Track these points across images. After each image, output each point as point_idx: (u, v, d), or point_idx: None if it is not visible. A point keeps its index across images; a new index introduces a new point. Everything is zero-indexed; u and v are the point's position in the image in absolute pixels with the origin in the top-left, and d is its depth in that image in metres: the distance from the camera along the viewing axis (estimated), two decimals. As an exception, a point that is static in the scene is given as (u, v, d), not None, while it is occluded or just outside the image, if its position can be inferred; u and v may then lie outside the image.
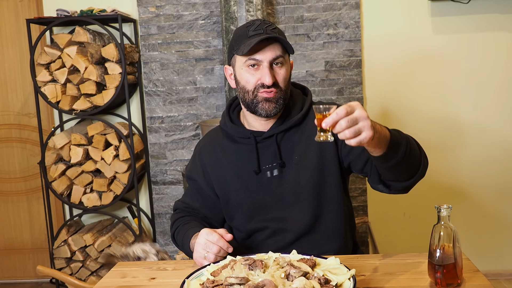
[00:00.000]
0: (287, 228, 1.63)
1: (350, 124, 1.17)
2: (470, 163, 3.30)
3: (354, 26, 3.19)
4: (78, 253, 3.24)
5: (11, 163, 3.65)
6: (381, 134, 1.28)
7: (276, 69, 1.57)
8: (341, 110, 1.17)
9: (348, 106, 1.18)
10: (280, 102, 1.59)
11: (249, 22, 1.60)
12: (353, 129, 1.18)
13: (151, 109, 3.34)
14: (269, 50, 1.54)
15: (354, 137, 1.19)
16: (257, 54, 1.54)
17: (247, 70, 1.57)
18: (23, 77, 3.55)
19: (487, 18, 3.19)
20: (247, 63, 1.56)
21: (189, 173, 1.77)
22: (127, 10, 3.32)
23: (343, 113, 1.17)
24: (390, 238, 3.36)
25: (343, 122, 1.17)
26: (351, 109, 1.18)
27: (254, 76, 1.57)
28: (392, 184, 1.50)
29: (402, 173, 1.44)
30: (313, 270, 1.27)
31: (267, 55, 1.54)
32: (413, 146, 1.43)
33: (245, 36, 1.56)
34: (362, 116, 1.19)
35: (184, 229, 1.65)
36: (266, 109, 1.58)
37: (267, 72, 1.54)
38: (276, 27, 1.59)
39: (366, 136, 1.19)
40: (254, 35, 1.54)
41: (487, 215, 3.33)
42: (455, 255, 1.27)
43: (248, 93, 1.58)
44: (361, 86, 3.22)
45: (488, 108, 3.26)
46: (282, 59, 1.57)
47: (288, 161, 1.62)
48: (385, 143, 1.31)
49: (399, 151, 1.37)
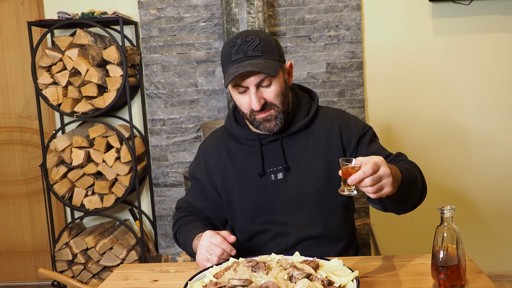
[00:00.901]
0: (289, 232, 1.62)
1: (374, 183, 1.25)
2: (471, 165, 3.30)
3: (355, 28, 3.19)
4: (80, 255, 3.24)
5: (13, 165, 3.65)
6: (395, 179, 1.33)
7: (264, 90, 1.53)
8: (368, 169, 1.23)
9: (374, 164, 1.24)
10: (280, 117, 1.57)
11: (232, 40, 1.54)
12: (376, 187, 1.26)
13: (152, 111, 3.34)
14: (252, 76, 1.50)
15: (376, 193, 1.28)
16: (242, 81, 1.51)
17: (237, 94, 1.56)
18: (24, 80, 3.55)
19: (488, 20, 3.19)
20: (235, 89, 1.55)
21: (192, 172, 1.76)
22: (128, 12, 3.33)
23: (369, 172, 1.23)
24: (392, 240, 3.36)
25: (369, 180, 1.24)
26: (376, 167, 1.24)
27: (245, 99, 1.55)
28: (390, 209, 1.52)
29: (403, 206, 1.51)
30: (316, 272, 1.27)
31: (251, 81, 1.51)
32: (418, 184, 1.50)
33: (228, 60, 1.53)
34: (385, 174, 1.26)
35: (187, 229, 1.64)
36: (268, 128, 1.57)
37: (254, 98, 1.51)
38: (259, 41, 1.51)
39: (386, 191, 1.29)
40: (235, 59, 1.50)
41: (490, 217, 3.33)
42: (458, 256, 1.27)
43: (246, 115, 1.59)
44: (362, 87, 3.22)
45: (489, 110, 3.26)
46: (268, 80, 1.52)
47: (293, 165, 1.62)
48: (396, 186, 1.36)
49: (408, 192, 1.43)
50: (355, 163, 1.26)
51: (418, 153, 3.19)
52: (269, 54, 1.52)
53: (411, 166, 1.52)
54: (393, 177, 1.29)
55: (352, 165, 1.26)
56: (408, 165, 1.51)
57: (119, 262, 3.22)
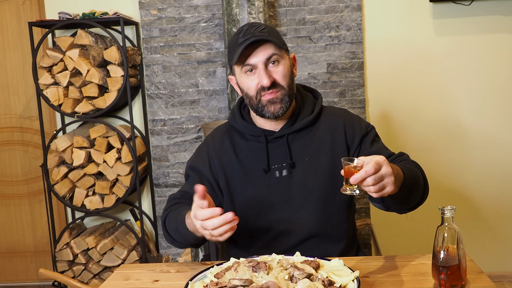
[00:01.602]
0: (292, 230, 1.62)
1: (376, 182, 1.26)
2: (472, 165, 3.30)
3: (356, 28, 3.19)
4: (81, 256, 3.24)
5: (13, 166, 3.66)
6: (397, 178, 1.34)
7: (272, 68, 1.57)
8: (370, 168, 1.23)
9: (376, 163, 1.24)
10: (285, 101, 1.59)
11: (239, 29, 1.60)
12: (378, 186, 1.27)
13: (153, 111, 3.34)
14: (260, 51, 1.55)
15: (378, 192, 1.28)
16: (250, 59, 1.55)
17: (245, 77, 1.59)
18: (25, 80, 3.56)
19: (489, 20, 3.19)
20: (243, 69, 1.58)
21: (192, 164, 1.72)
22: (129, 13, 3.33)
23: (371, 172, 1.24)
24: (392, 240, 3.36)
25: (370, 180, 1.25)
26: (378, 166, 1.25)
27: (253, 81, 1.57)
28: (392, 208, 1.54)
29: (405, 205, 1.52)
30: (317, 272, 1.27)
31: (259, 57, 1.55)
32: (420, 183, 1.50)
33: (236, 44, 1.57)
34: (387, 173, 1.27)
35: (176, 212, 1.54)
36: (272, 111, 1.58)
37: (263, 74, 1.55)
38: (265, 26, 1.58)
39: (388, 191, 1.29)
40: (243, 41, 1.54)
41: (490, 217, 3.33)
42: (459, 256, 1.27)
43: (252, 98, 1.59)
44: (363, 88, 3.22)
45: (490, 110, 3.26)
46: (277, 57, 1.57)
47: (298, 162, 1.63)
48: (398, 186, 1.36)
49: (409, 191, 1.44)
50: (357, 162, 1.27)
51: (419, 153, 3.18)
52: (275, 37, 1.57)
53: (413, 165, 1.53)
54: (395, 177, 1.30)
55: (354, 165, 1.27)
56: (410, 165, 1.52)
57: (119, 263, 3.22)
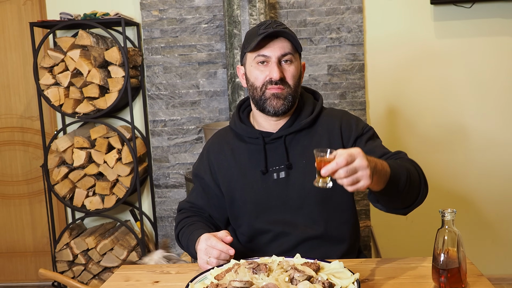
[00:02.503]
0: (290, 231, 1.62)
1: (348, 174, 1.21)
2: (473, 167, 3.30)
3: (356, 30, 3.19)
4: (81, 256, 3.24)
5: (14, 166, 3.66)
6: (381, 173, 1.31)
7: (284, 66, 1.59)
8: (341, 160, 1.19)
9: (348, 155, 1.20)
10: (288, 99, 1.60)
11: (261, 22, 1.64)
12: (351, 179, 1.22)
13: (154, 112, 3.35)
14: (277, 46, 1.57)
15: (352, 185, 1.23)
16: (266, 50, 1.57)
17: (256, 67, 1.60)
18: (26, 80, 3.56)
19: (489, 23, 3.19)
20: (257, 59, 1.59)
21: (196, 171, 1.77)
22: (130, 13, 3.33)
23: (343, 163, 1.19)
24: (392, 242, 3.36)
25: (342, 172, 1.20)
26: (351, 158, 1.21)
27: (263, 72, 1.59)
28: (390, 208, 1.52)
29: (399, 204, 1.49)
30: (317, 274, 1.27)
31: (275, 51, 1.57)
32: (413, 178, 1.46)
33: (255, 34, 1.59)
34: (361, 166, 1.22)
35: (189, 230, 1.64)
36: (274, 105, 1.59)
37: (275, 68, 1.56)
38: (287, 27, 1.61)
39: (363, 185, 1.23)
40: (263, 32, 1.57)
41: (490, 219, 3.33)
42: (459, 259, 1.27)
43: (257, 89, 1.60)
44: (363, 90, 3.22)
45: (491, 112, 3.26)
46: (290, 56, 1.59)
47: (296, 164, 1.63)
48: (384, 181, 1.34)
49: (399, 187, 1.40)
50: (329, 154, 1.23)
51: (419, 155, 3.18)
52: (294, 39, 1.60)
53: (407, 163, 1.50)
54: (376, 171, 1.27)
55: (327, 156, 1.23)
56: (404, 162, 1.49)
57: (119, 263, 3.22)
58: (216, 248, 1.43)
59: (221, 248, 1.43)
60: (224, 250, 1.43)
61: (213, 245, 1.44)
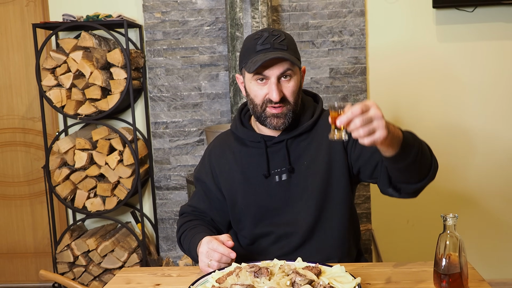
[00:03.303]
0: (292, 232, 1.63)
1: (364, 123, 1.17)
2: (474, 171, 3.29)
3: (359, 33, 3.19)
4: (81, 257, 3.24)
5: (15, 167, 3.66)
6: (394, 134, 1.28)
7: (284, 83, 1.56)
8: (356, 108, 1.17)
9: (363, 105, 1.18)
10: (289, 116, 1.59)
11: (258, 33, 1.59)
12: (367, 128, 1.18)
13: (155, 114, 3.35)
14: (276, 65, 1.54)
15: (368, 136, 1.20)
16: (265, 70, 1.54)
17: (255, 84, 1.58)
18: (28, 81, 3.57)
19: (491, 27, 3.19)
20: (255, 77, 1.57)
21: (197, 174, 1.77)
22: (133, 15, 3.34)
23: (358, 112, 1.17)
24: (393, 246, 3.36)
25: (358, 120, 1.17)
26: (366, 108, 1.18)
27: (262, 90, 1.57)
28: (402, 187, 1.49)
29: (413, 174, 1.43)
30: (318, 278, 1.27)
31: (274, 71, 1.54)
32: (424, 148, 1.43)
33: (253, 50, 1.56)
34: (377, 116, 1.19)
35: (191, 234, 1.64)
36: (274, 124, 1.59)
37: (274, 89, 1.54)
38: (285, 37, 1.57)
39: (380, 135, 1.20)
40: (261, 50, 1.54)
41: (492, 223, 3.32)
42: (460, 264, 1.27)
43: (257, 106, 1.59)
44: (365, 93, 3.22)
45: (492, 116, 3.26)
46: (290, 72, 1.56)
47: (297, 166, 1.63)
48: (397, 144, 1.31)
49: (412, 152, 1.35)
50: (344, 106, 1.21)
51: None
52: (292, 51, 1.57)
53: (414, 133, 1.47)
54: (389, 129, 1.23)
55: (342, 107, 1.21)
56: None
57: (120, 265, 3.22)
58: (217, 251, 1.43)
59: (223, 251, 1.43)
60: (226, 254, 1.43)
61: (215, 248, 1.44)
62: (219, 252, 1.43)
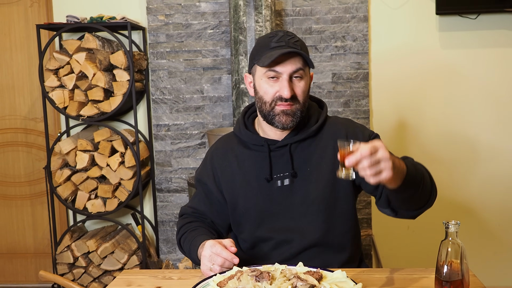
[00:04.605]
0: (293, 239, 1.62)
1: (372, 165, 1.23)
2: (476, 178, 3.29)
3: (362, 39, 3.20)
4: (81, 259, 3.24)
5: (16, 167, 3.66)
6: (399, 170, 1.33)
7: (295, 82, 1.58)
8: (365, 150, 1.22)
9: (372, 146, 1.23)
10: (297, 115, 1.59)
11: (272, 32, 1.61)
12: (375, 170, 1.24)
13: (157, 116, 3.35)
14: (289, 63, 1.55)
15: (375, 176, 1.25)
16: (278, 66, 1.55)
17: (266, 81, 1.58)
18: (31, 82, 3.57)
19: (494, 34, 3.20)
20: (267, 74, 1.57)
21: (198, 176, 1.77)
22: (137, 18, 3.34)
23: (367, 154, 1.22)
24: (393, 252, 3.35)
25: (366, 162, 1.22)
26: (374, 149, 1.23)
27: (273, 87, 1.58)
28: (400, 212, 1.54)
29: (412, 204, 1.50)
30: (319, 283, 1.27)
31: (287, 68, 1.55)
32: (426, 180, 1.49)
33: (267, 47, 1.57)
34: (384, 157, 1.24)
35: (191, 236, 1.64)
36: (283, 122, 1.59)
37: (286, 85, 1.55)
38: (298, 39, 1.60)
39: (386, 176, 1.26)
40: (276, 46, 1.55)
41: (493, 232, 3.32)
42: (462, 271, 1.26)
43: (266, 104, 1.59)
44: (367, 99, 3.23)
45: (494, 124, 3.26)
46: (302, 72, 1.57)
47: (300, 171, 1.63)
48: (401, 178, 1.35)
49: (414, 185, 1.42)
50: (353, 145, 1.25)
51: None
52: (306, 53, 1.59)
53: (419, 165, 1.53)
54: (395, 166, 1.29)
55: (351, 147, 1.25)
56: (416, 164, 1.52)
57: (120, 267, 3.22)
58: (221, 256, 1.43)
59: (226, 256, 1.43)
60: (229, 259, 1.43)
61: (218, 252, 1.44)
62: (222, 257, 1.43)
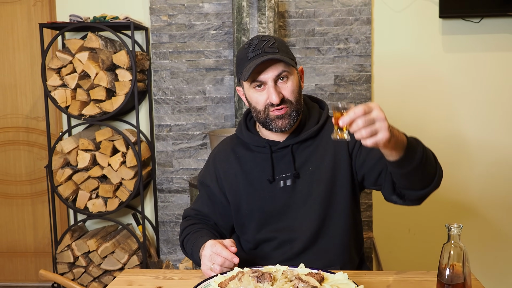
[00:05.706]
0: (294, 238, 1.62)
1: (367, 124, 1.18)
2: (477, 181, 3.29)
3: (364, 41, 3.20)
4: (81, 258, 3.24)
5: (18, 166, 3.66)
6: (398, 138, 1.29)
7: (281, 84, 1.57)
8: (359, 109, 1.18)
9: (366, 106, 1.19)
10: (293, 116, 1.59)
11: (248, 42, 1.60)
12: (370, 129, 1.19)
13: (159, 117, 3.35)
14: (270, 69, 1.54)
15: (370, 137, 1.20)
16: (260, 75, 1.55)
17: (254, 92, 1.59)
18: (33, 81, 3.57)
19: (497, 38, 3.19)
20: (253, 85, 1.58)
21: (201, 178, 1.77)
22: (140, 18, 3.35)
23: (360, 112, 1.18)
24: (394, 254, 3.35)
25: (360, 121, 1.18)
26: (369, 109, 1.19)
27: (262, 96, 1.57)
28: (407, 194, 1.48)
29: (417, 180, 1.43)
30: (321, 285, 1.27)
31: (269, 75, 1.54)
32: (429, 154, 1.43)
33: (246, 59, 1.57)
34: (379, 117, 1.20)
35: (194, 237, 1.64)
36: (279, 126, 1.59)
37: (272, 92, 1.54)
38: (275, 41, 1.57)
39: (383, 137, 1.20)
40: (253, 57, 1.54)
41: (493, 233, 3.31)
42: (464, 274, 1.26)
43: (260, 112, 1.60)
44: (370, 101, 3.22)
45: (496, 127, 3.26)
46: (286, 73, 1.56)
47: (302, 172, 1.63)
48: (401, 148, 1.31)
49: (416, 157, 1.36)
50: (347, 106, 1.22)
51: (424, 168, 3.18)
52: (284, 52, 1.57)
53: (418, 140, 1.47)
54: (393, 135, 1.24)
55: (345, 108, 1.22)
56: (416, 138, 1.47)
57: (120, 267, 3.22)
58: (221, 255, 1.43)
59: (226, 255, 1.42)
60: (229, 258, 1.42)
61: (218, 252, 1.43)
62: (222, 257, 1.43)
